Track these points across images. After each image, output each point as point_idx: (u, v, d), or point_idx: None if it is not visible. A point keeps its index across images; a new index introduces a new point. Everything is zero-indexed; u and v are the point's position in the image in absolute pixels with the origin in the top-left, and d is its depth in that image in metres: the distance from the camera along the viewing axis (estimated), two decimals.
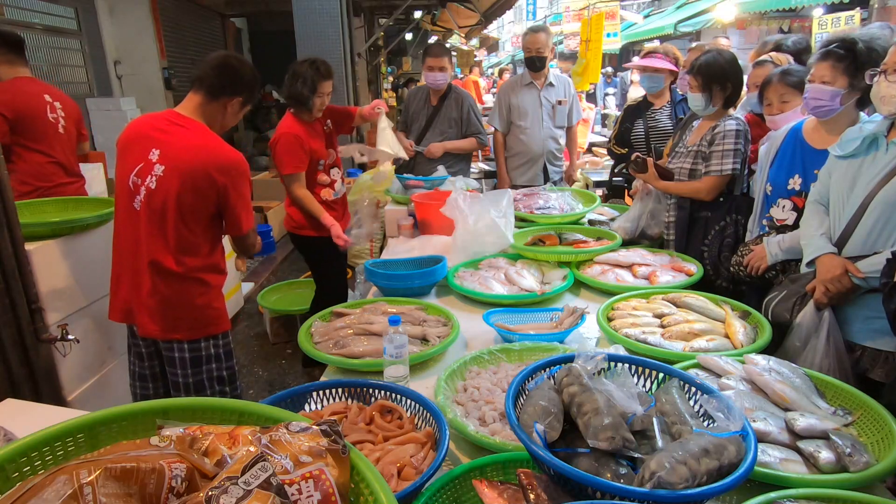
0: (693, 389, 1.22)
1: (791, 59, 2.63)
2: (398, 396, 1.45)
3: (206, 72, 2.13)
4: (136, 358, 2.32)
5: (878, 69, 1.73)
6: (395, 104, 8.99)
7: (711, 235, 2.55)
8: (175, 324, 2.15)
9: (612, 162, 4.38)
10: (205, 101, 2.13)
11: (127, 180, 2.09)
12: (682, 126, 3.18)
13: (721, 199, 2.54)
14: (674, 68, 3.56)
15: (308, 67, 2.95)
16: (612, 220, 3.04)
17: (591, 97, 10.62)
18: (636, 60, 3.87)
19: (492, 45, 24.08)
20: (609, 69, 11.73)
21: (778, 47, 2.95)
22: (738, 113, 2.65)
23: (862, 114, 2.08)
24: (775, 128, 2.37)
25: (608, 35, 7.86)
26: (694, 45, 3.47)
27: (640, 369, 1.33)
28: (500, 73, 14.12)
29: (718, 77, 2.49)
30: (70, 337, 2.35)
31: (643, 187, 2.80)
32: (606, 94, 10.91)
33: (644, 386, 1.32)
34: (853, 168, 1.86)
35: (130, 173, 2.09)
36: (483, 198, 2.70)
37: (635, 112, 3.78)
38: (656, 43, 5.64)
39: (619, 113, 4.47)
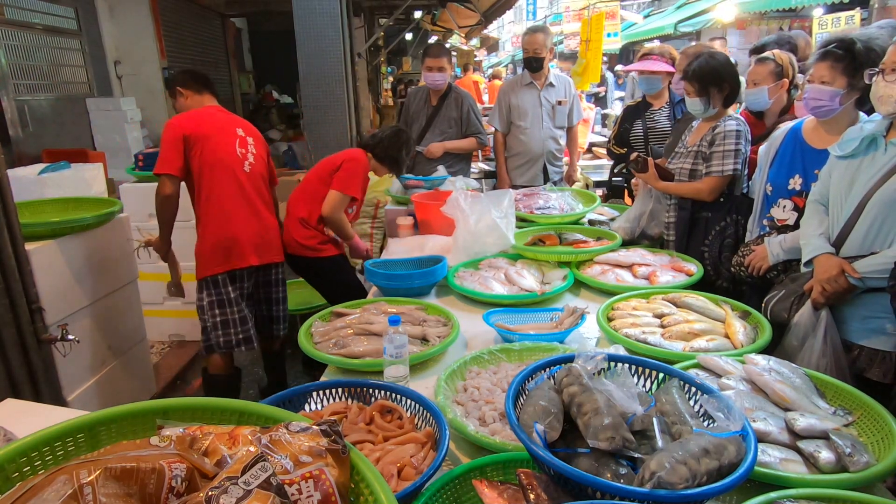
0: (693, 389, 1.22)
1: (794, 57, 2.63)
2: (398, 396, 1.44)
3: (194, 79, 2.94)
4: (240, 300, 2.90)
5: (877, 69, 1.74)
6: (392, 104, 8.99)
7: (712, 236, 2.55)
8: (279, 250, 3.03)
9: (606, 161, 4.38)
10: (215, 97, 2.97)
11: (234, 152, 2.83)
12: (677, 127, 3.19)
13: (721, 200, 2.54)
14: (671, 69, 3.56)
15: (408, 140, 3.23)
16: (612, 220, 3.04)
17: (601, 101, 10.52)
18: (634, 65, 3.88)
19: (492, 45, 24.06)
20: (619, 67, 11.49)
21: (763, 47, 2.94)
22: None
23: (862, 114, 2.08)
24: (800, 114, 2.37)
25: (608, 35, 7.86)
26: (682, 49, 3.45)
27: (640, 369, 1.33)
28: (492, 77, 13.90)
29: (714, 79, 2.49)
30: (70, 337, 2.35)
31: (643, 185, 2.80)
32: (619, 99, 10.65)
33: (644, 386, 1.32)
34: (852, 168, 1.86)
35: (235, 146, 2.84)
36: (484, 198, 2.70)
37: (634, 112, 3.79)
38: (656, 43, 5.64)
39: (618, 113, 4.47)
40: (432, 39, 12.88)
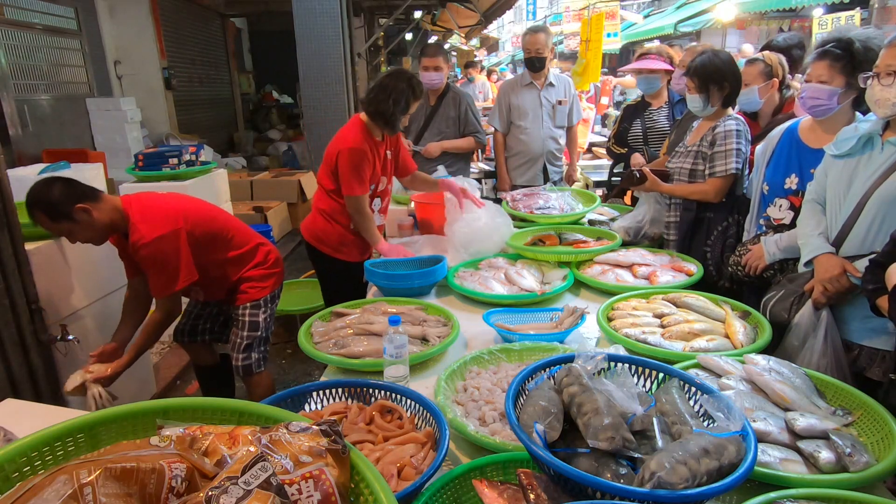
0: (693, 389, 1.22)
1: (783, 57, 2.64)
2: (398, 396, 1.44)
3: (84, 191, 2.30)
4: None
5: (871, 73, 1.74)
6: None
7: (714, 236, 2.56)
8: None
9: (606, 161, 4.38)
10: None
11: None
12: (677, 126, 3.18)
13: (723, 200, 2.55)
14: (668, 67, 3.56)
15: (405, 85, 2.69)
16: (613, 220, 3.04)
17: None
18: (631, 64, 3.88)
19: (492, 45, 24.06)
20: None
21: (769, 45, 2.95)
22: None
23: (858, 113, 2.08)
24: (799, 113, 2.38)
25: (608, 35, 7.87)
26: (687, 47, 3.48)
27: (640, 369, 1.33)
28: (489, 72, 13.89)
29: (715, 77, 2.49)
30: (70, 337, 2.35)
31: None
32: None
33: (644, 386, 1.32)
34: (849, 167, 1.86)
35: None
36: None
37: (634, 112, 3.79)
38: (656, 43, 5.64)
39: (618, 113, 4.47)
40: (432, 39, 12.89)
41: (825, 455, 1.21)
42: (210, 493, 0.72)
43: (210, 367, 3.02)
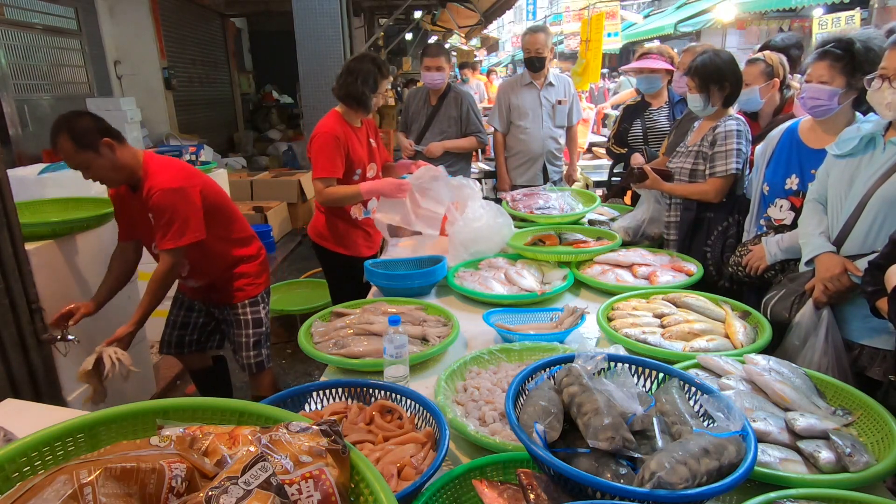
0: (693, 389, 1.22)
1: (784, 57, 2.64)
2: (398, 396, 1.44)
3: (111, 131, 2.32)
4: None
5: (877, 74, 1.72)
6: (394, 104, 8.99)
7: (714, 236, 2.56)
8: None
9: (606, 161, 4.38)
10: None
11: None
12: (677, 126, 3.18)
13: (724, 200, 2.55)
14: (669, 67, 3.56)
15: (371, 66, 2.80)
16: (613, 220, 3.04)
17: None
18: (632, 64, 3.87)
19: (492, 45, 24.07)
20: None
21: (767, 45, 2.95)
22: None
23: (857, 113, 2.08)
24: (799, 113, 2.38)
25: (608, 35, 7.88)
26: (686, 47, 3.49)
27: (640, 369, 1.33)
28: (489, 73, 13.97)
29: (715, 77, 2.49)
30: (70, 337, 2.35)
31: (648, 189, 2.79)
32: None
33: (644, 386, 1.32)
34: (851, 167, 1.86)
35: None
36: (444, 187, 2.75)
37: (634, 112, 3.78)
38: (656, 43, 5.65)
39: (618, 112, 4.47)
40: (432, 39, 12.89)
41: (825, 455, 1.21)
42: (210, 493, 0.72)
43: (204, 370, 3.01)
